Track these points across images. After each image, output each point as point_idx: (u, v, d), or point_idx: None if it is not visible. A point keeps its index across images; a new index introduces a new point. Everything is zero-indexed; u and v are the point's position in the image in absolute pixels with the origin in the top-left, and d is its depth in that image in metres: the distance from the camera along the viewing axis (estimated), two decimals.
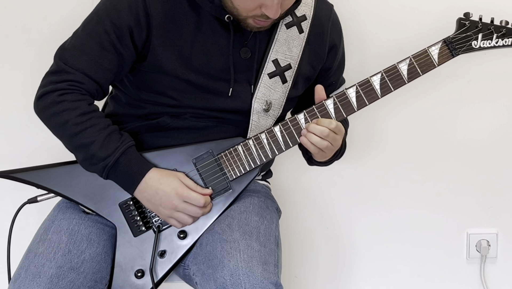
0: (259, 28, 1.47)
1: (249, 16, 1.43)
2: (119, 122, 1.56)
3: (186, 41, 1.49)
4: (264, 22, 1.44)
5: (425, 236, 2.17)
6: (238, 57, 1.52)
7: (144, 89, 1.54)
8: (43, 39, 1.94)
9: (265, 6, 1.39)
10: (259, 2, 1.39)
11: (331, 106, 1.52)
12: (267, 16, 1.40)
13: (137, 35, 1.47)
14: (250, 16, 1.43)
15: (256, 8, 1.40)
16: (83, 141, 1.43)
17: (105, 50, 1.46)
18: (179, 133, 1.55)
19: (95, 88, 1.48)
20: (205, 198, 1.47)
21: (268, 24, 1.46)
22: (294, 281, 2.19)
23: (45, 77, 1.49)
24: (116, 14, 1.46)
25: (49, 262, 1.40)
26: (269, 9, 1.38)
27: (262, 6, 1.39)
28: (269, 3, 1.38)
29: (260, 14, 1.41)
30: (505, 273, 2.21)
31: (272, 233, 1.54)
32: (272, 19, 1.42)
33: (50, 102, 1.44)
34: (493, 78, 2.05)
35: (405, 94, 1.76)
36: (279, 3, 1.38)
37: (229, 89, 1.52)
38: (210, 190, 1.50)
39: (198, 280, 1.45)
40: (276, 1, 1.37)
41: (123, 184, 1.47)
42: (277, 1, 1.38)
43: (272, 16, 1.39)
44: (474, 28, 1.56)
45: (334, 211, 2.16)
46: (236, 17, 1.45)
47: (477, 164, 2.12)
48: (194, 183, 1.49)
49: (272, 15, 1.39)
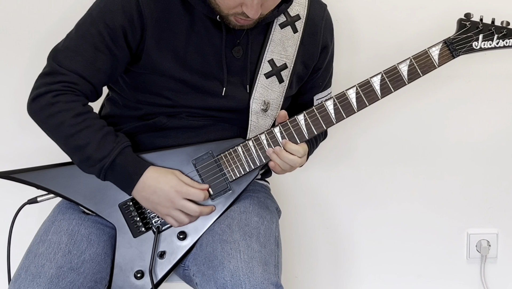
0: (241, 26, 1.46)
1: (230, 13, 1.42)
2: (116, 123, 1.56)
3: (180, 41, 1.49)
4: (245, 21, 1.44)
5: (425, 236, 2.17)
6: (231, 57, 1.52)
7: (139, 91, 1.54)
8: (39, 39, 1.93)
9: (245, 5, 1.38)
10: (240, 0, 1.38)
11: (331, 107, 1.52)
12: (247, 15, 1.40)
13: (131, 36, 1.47)
14: (231, 14, 1.42)
15: (237, 6, 1.40)
16: (79, 143, 1.43)
17: (99, 51, 1.46)
18: (176, 133, 1.55)
19: (89, 89, 1.47)
20: (204, 193, 1.48)
21: (249, 23, 1.46)
22: (294, 281, 2.19)
23: (38, 79, 1.48)
24: (110, 15, 1.45)
25: (49, 263, 1.40)
26: (249, 8, 1.38)
27: (243, 4, 1.39)
28: (249, 2, 1.37)
29: (241, 12, 1.40)
30: (505, 273, 2.21)
31: (272, 234, 1.54)
32: (252, 18, 1.42)
33: (45, 104, 1.43)
34: (493, 79, 2.04)
35: (405, 94, 1.75)
36: (259, 4, 1.38)
37: (222, 89, 1.52)
38: (206, 184, 1.51)
39: (198, 280, 1.45)
40: (256, 1, 1.37)
41: (121, 185, 1.47)
42: (256, 1, 1.37)
43: (252, 15, 1.39)
44: (474, 29, 1.55)
45: (334, 211, 2.16)
46: (219, 13, 1.45)
47: (477, 164, 2.12)
48: (190, 178, 1.50)
49: (252, 15, 1.39)
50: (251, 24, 1.47)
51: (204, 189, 1.49)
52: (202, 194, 1.47)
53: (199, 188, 1.49)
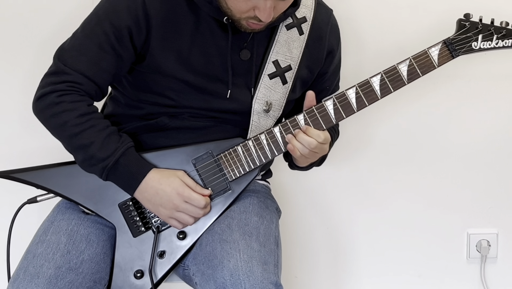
0: (252, 30, 1.47)
1: (243, 17, 1.42)
2: (118, 123, 1.56)
3: (185, 42, 1.49)
4: (257, 25, 1.44)
5: (425, 236, 2.17)
6: (237, 59, 1.52)
7: (142, 90, 1.54)
8: (43, 39, 1.94)
9: (258, 9, 1.38)
10: (252, 4, 1.38)
11: (330, 107, 1.52)
12: (259, 18, 1.40)
13: (136, 36, 1.47)
14: (243, 18, 1.43)
15: (249, 10, 1.40)
16: (83, 142, 1.43)
17: (104, 51, 1.46)
18: (177, 133, 1.55)
19: (94, 89, 1.48)
20: (205, 199, 1.48)
21: (261, 27, 1.46)
22: (294, 281, 2.19)
23: (44, 78, 1.49)
24: (115, 15, 1.45)
25: (48, 263, 1.40)
26: (261, 12, 1.38)
27: (255, 8, 1.39)
28: (262, 6, 1.38)
29: (253, 16, 1.41)
30: (505, 273, 2.21)
31: (272, 233, 1.54)
32: (265, 22, 1.42)
33: (49, 103, 1.44)
34: (493, 79, 2.04)
35: (405, 94, 1.75)
36: (271, 7, 1.38)
37: (227, 91, 1.52)
38: (209, 190, 1.51)
39: (198, 280, 1.45)
40: (269, 5, 1.37)
41: (123, 185, 1.47)
42: (269, 5, 1.37)
43: (264, 19, 1.39)
44: (474, 29, 1.55)
45: (334, 211, 2.16)
46: (231, 17, 1.45)
47: (477, 164, 2.12)
48: (194, 182, 1.50)
49: (264, 18, 1.39)
50: (262, 28, 1.47)
51: (206, 195, 1.49)
52: (203, 200, 1.47)
53: (201, 192, 1.48)
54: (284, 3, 1.42)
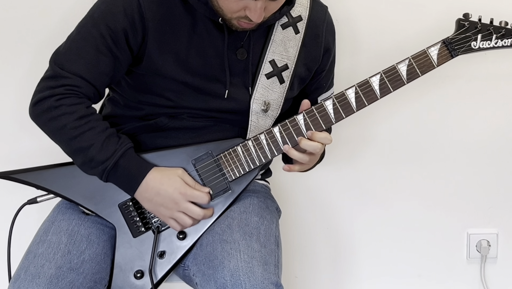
0: (243, 29, 1.47)
1: (234, 17, 1.43)
2: (117, 123, 1.56)
3: (182, 43, 1.49)
4: (248, 24, 1.44)
5: (425, 236, 2.17)
6: (234, 59, 1.52)
7: (141, 91, 1.54)
8: (41, 40, 1.93)
9: (249, 9, 1.39)
10: (243, 4, 1.39)
11: (330, 107, 1.52)
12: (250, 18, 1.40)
13: (132, 38, 1.47)
14: (234, 18, 1.43)
15: (240, 10, 1.40)
16: (82, 145, 1.43)
17: (101, 53, 1.46)
18: (177, 133, 1.55)
19: (92, 91, 1.48)
20: (207, 195, 1.48)
21: (252, 26, 1.46)
22: (294, 281, 2.19)
23: (40, 83, 1.48)
24: (112, 18, 1.45)
25: (49, 263, 1.40)
26: (252, 13, 1.38)
27: (246, 8, 1.39)
28: (253, 6, 1.38)
29: (244, 16, 1.41)
30: (505, 273, 2.21)
31: (272, 233, 1.54)
32: (256, 22, 1.42)
33: (48, 107, 1.44)
34: (493, 78, 2.05)
35: (405, 94, 1.76)
36: (262, 8, 1.38)
37: (225, 91, 1.52)
38: (208, 188, 1.51)
39: (198, 280, 1.45)
40: (260, 5, 1.37)
41: (124, 186, 1.48)
42: (260, 5, 1.37)
43: (255, 19, 1.40)
44: (473, 28, 1.55)
45: (334, 210, 2.16)
46: (222, 16, 1.45)
47: (477, 164, 2.12)
48: (193, 180, 1.50)
49: (255, 19, 1.39)
50: (253, 27, 1.48)
51: (206, 192, 1.49)
52: (206, 197, 1.48)
53: (201, 190, 1.49)
54: (275, 4, 1.42)
